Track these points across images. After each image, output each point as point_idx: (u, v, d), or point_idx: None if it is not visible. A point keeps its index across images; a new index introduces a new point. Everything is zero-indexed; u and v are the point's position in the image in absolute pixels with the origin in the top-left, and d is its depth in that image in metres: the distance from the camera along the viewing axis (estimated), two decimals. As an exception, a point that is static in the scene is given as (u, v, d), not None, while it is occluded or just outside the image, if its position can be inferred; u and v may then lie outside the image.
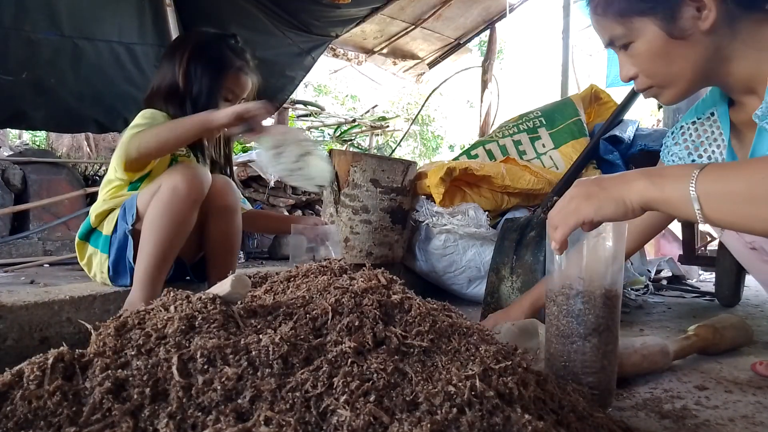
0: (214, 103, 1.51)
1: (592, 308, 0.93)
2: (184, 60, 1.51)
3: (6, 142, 5.36)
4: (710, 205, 0.68)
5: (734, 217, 0.68)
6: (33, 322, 1.20)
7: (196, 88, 1.51)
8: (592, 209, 0.79)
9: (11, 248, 2.97)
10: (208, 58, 1.52)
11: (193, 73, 1.51)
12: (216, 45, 1.55)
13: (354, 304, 0.77)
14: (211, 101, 1.50)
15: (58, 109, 2.64)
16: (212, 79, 1.51)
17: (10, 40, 2.33)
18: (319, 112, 6.81)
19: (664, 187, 0.72)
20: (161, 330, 0.68)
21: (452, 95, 13.64)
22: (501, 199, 2.29)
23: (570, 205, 0.83)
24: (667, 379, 1.18)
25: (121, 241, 1.43)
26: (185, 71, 1.51)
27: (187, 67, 1.51)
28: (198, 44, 1.54)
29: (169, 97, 1.52)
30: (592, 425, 0.74)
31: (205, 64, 1.51)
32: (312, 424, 0.57)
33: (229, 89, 1.55)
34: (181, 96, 1.51)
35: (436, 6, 4.26)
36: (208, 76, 1.51)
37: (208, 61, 1.52)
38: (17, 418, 0.55)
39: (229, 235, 1.54)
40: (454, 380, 0.63)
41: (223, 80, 1.53)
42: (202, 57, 1.52)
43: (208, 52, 1.53)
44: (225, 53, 1.54)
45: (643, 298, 2.42)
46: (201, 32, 1.61)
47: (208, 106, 1.47)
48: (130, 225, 1.39)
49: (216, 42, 1.56)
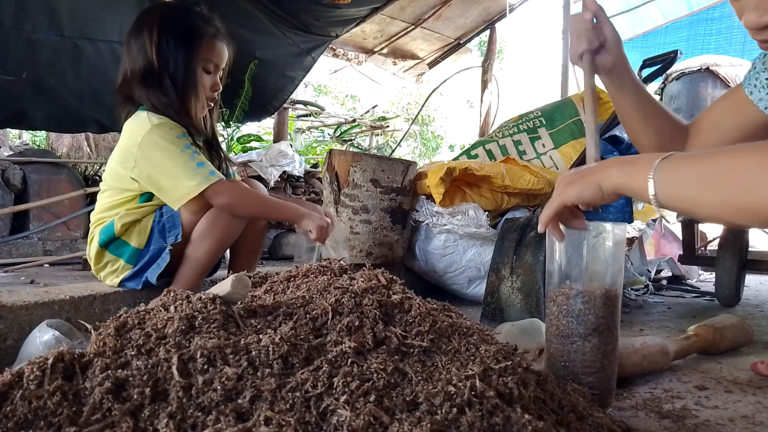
0: (193, 75, 1.45)
1: (592, 308, 0.93)
2: (153, 37, 1.41)
3: (6, 142, 5.36)
4: (663, 190, 0.71)
5: (682, 202, 0.71)
6: (33, 322, 1.20)
7: (172, 65, 1.42)
8: (574, 193, 0.83)
9: (11, 248, 2.97)
10: (178, 31, 1.43)
11: (166, 48, 1.41)
12: (183, 15, 1.47)
13: (354, 304, 0.77)
14: (189, 75, 1.44)
15: (58, 109, 2.65)
16: (187, 51, 1.43)
17: (11, 40, 2.34)
18: (319, 112, 6.80)
19: (632, 174, 0.76)
20: (161, 330, 0.68)
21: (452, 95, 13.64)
22: (501, 199, 2.29)
23: (556, 190, 0.87)
24: (667, 379, 1.18)
25: (153, 256, 1.41)
26: (157, 48, 1.41)
27: (158, 44, 1.41)
28: (165, 18, 1.45)
29: (146, 80, 1.42)
30: (592, 425, 0.74)
31: (177, 37, 1.42)
32: (312, 424, 0.57)
33: (207, 59, 1.47)
34: (157, 75, 1.42)
35: (436, 6, 4.26)
36: (182, 49, 1.43)
37: (179, 34, 1.43)
38: (17, 418, 0.55)
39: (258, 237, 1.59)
40: (454, 380, 0.63)
41: (199, 51, 1.45)
42: (172, 30, 1.43)
43: (178, 24, 1.44)
44: (195, 22, 1.46)
45: (643, 298, 2.42)
46: (164, 5, 1.53)
47: (188, 79, 1.43)
48: (169, 245, 1.39)
49: (183, 12, 1.48)
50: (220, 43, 1.50)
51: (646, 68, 2.10)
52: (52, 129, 3.35)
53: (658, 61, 2.05)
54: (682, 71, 2.36)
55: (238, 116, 3.61)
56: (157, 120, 1.39)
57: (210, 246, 1.38)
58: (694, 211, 0.71)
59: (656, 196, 0.71)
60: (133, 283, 1.45)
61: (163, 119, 1.40)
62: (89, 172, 3.93)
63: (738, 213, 0.66)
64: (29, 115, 2.59)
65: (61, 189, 3.20)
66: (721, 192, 0.66)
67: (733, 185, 0.64)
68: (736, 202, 0.64)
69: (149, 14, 1.49)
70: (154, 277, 1.39)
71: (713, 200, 0.67)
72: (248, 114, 3.68)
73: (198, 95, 1.47)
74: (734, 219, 0.68)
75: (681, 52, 1.99)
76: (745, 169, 0.64)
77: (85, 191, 3.21)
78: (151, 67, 1.41)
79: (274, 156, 3.55)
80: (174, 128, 1.40)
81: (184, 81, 1.43)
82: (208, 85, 1.49)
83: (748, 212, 0.64)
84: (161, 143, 1.36)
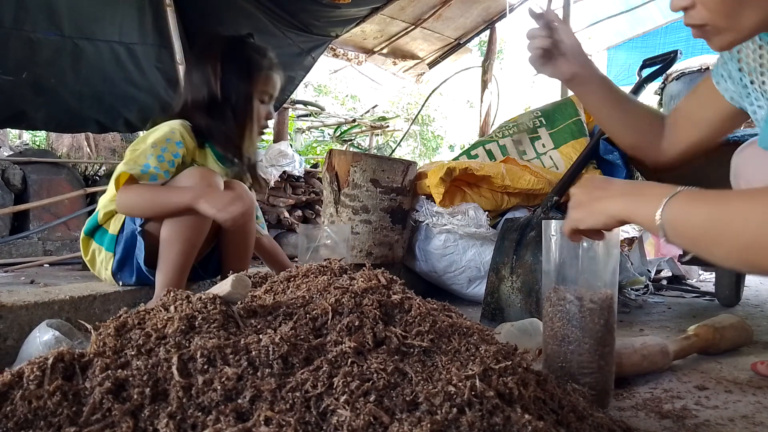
0: (251, 108, 1.54)
1: (588, 309, 0.93)
2: (217, 70, 1.50)
3: (6, 142, 5.36)
4: (673, 232, 0.70)
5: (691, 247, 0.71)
6: (33, 322, 1.20)
7: (234, 97, 1.51)
8: (577, 219, 0.84)
9: (11, 248, 2.97)
10: (239, 65, 1.52)
11: (229, 82, 1.50)
12: (242, 49, 1.54)
13: (354, 304, 0.77)
14: (248, 107, 1.53)
15: (58, 109, 2.64)
16: (247, 85, 1.52)
17: (11, 40, 2.33)
18: (319, 112, 6.80)
19: (638, 207, 0.76)
20: (161, 330, 0.68)
21: (452, 95, 13.64)
22: (501, 199, 2.29)
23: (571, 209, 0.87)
24: (667, 379, 1.18)
25: (128, 240, 1.43)
26: (221, 81, 1.50)
27: (222, 77, 1.50)
28: (227, 51, 1.53)
29: (210, 110, 1.51)
30: (592, 425, 0.74)
31: (238, 70, 1.51)
32: (312, 424, 0.57)
33: (263, 91, 1.56)
34: (220, 106, 1.51)
35: (436, 6, 4.26)
36: (243, 82, 1.51)
37: (239, 68, 1.52)
38: (17, 418, 0.55)
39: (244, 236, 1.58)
40: (454, 380, 0.63)
41: (257, 84, 1.54)
42: (234, 64, 1.51)
43: (238, 58, 1.53)
44: (253, 56, 1.54)
45: (643, 298, 2.42)
46: (223, 38, 1.59)
47: (246, 112, 1.52)
48: (138, 226, 1.40)
49: (242, 46, 1.56)
50: (275, 75, 1.59)
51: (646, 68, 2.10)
52: (52, 129, 3.34)
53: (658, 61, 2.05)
54: (682, 71, 2.36)
55: (238, 116, 3.61)
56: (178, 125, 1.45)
57: (179, 247, 1.37)
58: (704, 256, 0.69)
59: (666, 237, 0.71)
60: (126, 274, 1.47)
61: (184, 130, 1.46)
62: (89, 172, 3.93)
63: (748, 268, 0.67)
64: (29, 115, 2.58)
65: (61, 189, 3.20)
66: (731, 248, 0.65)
67: (742, 243, 0.63)
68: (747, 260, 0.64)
69: (212, 46, 1.56)
70: (141, 259, 1.40)
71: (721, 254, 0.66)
72: (248, 114, 3.69)
73: (254, 125, 1.56)
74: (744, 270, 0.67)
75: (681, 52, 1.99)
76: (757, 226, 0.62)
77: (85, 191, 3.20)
78: (214, 98, 1.50)
79: (274, 156, 3.55)
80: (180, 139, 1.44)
81: (244, 112, 1.52)
82: (263, 115, 1.58)
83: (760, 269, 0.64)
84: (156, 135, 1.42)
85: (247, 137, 1.56)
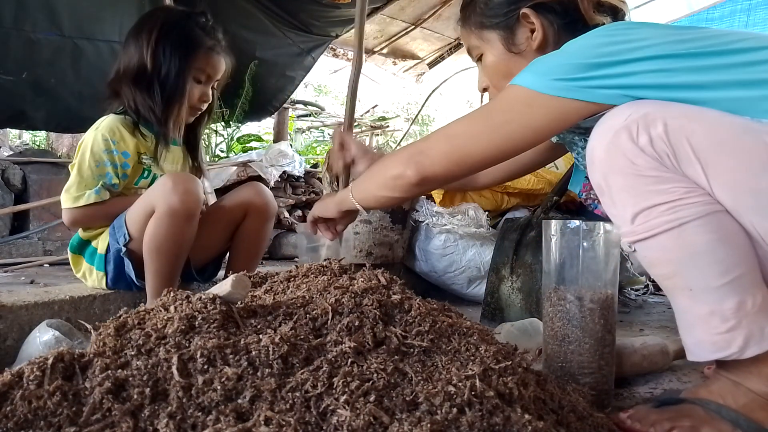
0: (183, 84, 1.45)
1: (588, 309, 0.93)
2: (152, 40, 1.42)
3: (6, 142, 5.36)
4: (356, 196, 1.14)
5: (366, 202, 1.14)
6: (33, 322, 1.20)
7: (164, 69, 1.43)
8: (327, 206, 1.24)
9: (11, 248, 2.96)
10: (177, 38, 1.44)
11: (162, 53, 1.42)
12: (185, 23, 1.47)
13: (354, 304, 0.77)
14: (179, 83, 1.45)
15: (58, 109, 2.64)
16: (182, 60, 1.44)
17: (10, 40, 2.33)
18: (319, 112, 6.80)
19: (349, 194, 1.16)
20: (161, 330, 0.68)
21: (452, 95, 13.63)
22: (501, 199, 2.29)
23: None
24: (667, 379, 1.18)
25: (116, 260, 1.40)
26: (153, 52, 1.42)
27: (155, 48, 1.42)
28: (166, 23, 1.45)
29: (137, 80, 1.44)
30: (592, 425, 0.74)
31: (175, 43, 1.43)
32: (312, 424, 0.57)
33: (200, 69, 1.48)
34: (148, 78, 1.43)
35: (436, 6, 4.26)
36: (177, 56, 1.43)
37: (177, 41, 1.44)
38: (17, 418, 0.55)
39: (259, 236, 1.59)
40: (454, 380, 0.63)
41: (194, 61, 1.46)
42: (171, 36, 1.43)
43: (177, 32, 1.45)
44: (195, 32, 1.47)
45: (643, 298, 2.42)
46: (168, 9, 1.53)
47: (176, 87, 1.44)
48: (122, 246, 1.37)
49: (185, 20, 1.48)
50: (218, 56, 1.51)
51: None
52: (52, 129, 3.35)
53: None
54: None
55: (238, 116, 3.61)
56: (105, 128, 1.44)
57: (164, 257, 1.33)
58: (373, 202, 1.14)
59: (355, 202, 1.14)
60: (122, 285, 1.44)
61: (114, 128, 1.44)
62: (89, 172, 3.92)
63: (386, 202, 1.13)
64: (29, 115, 2.58)
65: (61, 189, 3.19)
66: (377, 183, 1.10)
67: (380, 182, 1.09)
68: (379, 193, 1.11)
69: (152, 17, 1.51)
70: (134, 276, 1.39)
71: (370, 188, 1.12)
72: (248, 114, 3.68)
73: (183, 104, 1.47)
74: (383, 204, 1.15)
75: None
76: (385, 176, 1.08)
77: (85, 191, 3.20)
78: (144, 69, 1.43)
79: (274, 156, 3.55)
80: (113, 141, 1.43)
81: (172, 88, 1.44)
82: (196, 96, 1.50)
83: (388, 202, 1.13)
84: (91, 147, 1.43)
85: (173, 114, 1.47)
